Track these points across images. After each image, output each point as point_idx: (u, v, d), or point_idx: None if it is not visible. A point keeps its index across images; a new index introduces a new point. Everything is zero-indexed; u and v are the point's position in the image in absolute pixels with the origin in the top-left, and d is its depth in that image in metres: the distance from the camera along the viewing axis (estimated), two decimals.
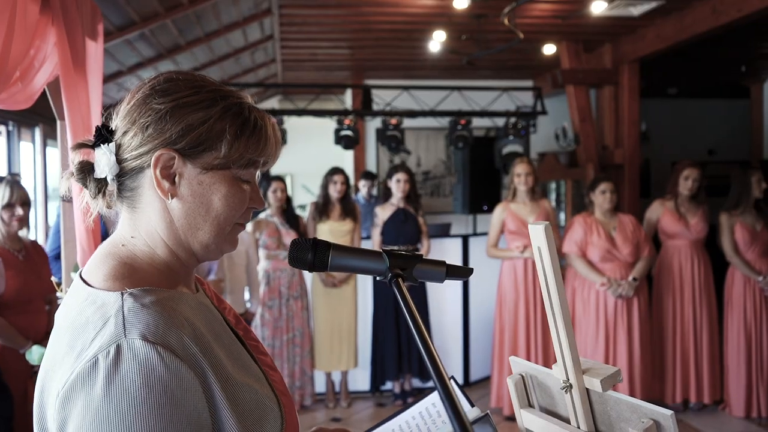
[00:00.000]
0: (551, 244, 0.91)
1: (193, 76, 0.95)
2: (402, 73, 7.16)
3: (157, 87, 0.90)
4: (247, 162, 0.92)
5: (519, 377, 1.08)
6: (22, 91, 1.45)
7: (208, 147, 0.89)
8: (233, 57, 5.80)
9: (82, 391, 0.75)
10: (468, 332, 5.29)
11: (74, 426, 0.75)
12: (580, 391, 0.95)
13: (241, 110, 0.92)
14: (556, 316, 0.94)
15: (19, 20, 1.27)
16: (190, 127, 0.88)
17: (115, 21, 3.79)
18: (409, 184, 4.80)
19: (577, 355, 0.94)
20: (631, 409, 0.89)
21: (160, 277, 0.90)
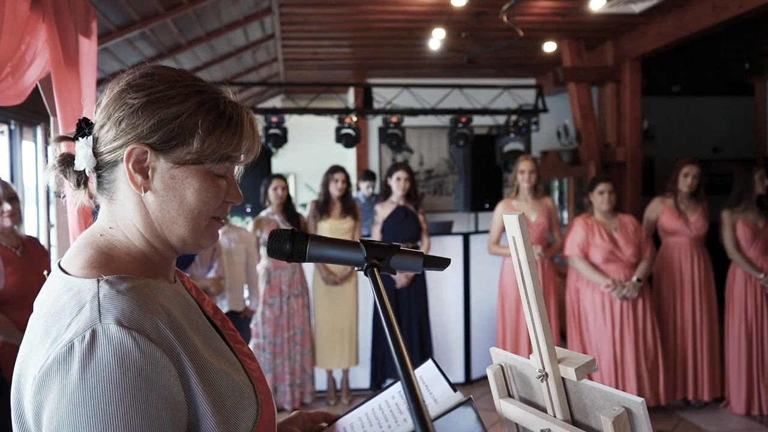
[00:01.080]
0: (525, 234, 0.92)
1: (170, 71, 0.95)
2: (403, 71, 7.17)
3: (132, 82, 0.91)
4: (220, 157, 0.92)
5: (498, 367, 1.09)
6: (13, 87, 1.47)
7: (180, 142, 0.89)
8: (235, 56, 5.82)
9: (57, 376, 0.76)
10: (469, 330, 5.29)
11: (50, 410, 0.76)
12: (555, 380, 0.95)
13: (215, 105, 0.92)
14: (531, 306, 0.95)
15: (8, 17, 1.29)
16: (162, 122, 0.89)
17: (116, 20, 3.81)
18: (409, 182, 4.80)
19: (553, 345, 0.95)
20: (605, 397, 0.90)
21: (137, 266, 0.91)
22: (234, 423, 0.88)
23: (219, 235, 1.01)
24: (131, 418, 0.75)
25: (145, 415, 0.76)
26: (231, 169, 0.98)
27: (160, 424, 0.77)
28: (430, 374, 1.19)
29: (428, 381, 1.18)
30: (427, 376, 1.19)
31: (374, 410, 1.16)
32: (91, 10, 1.95)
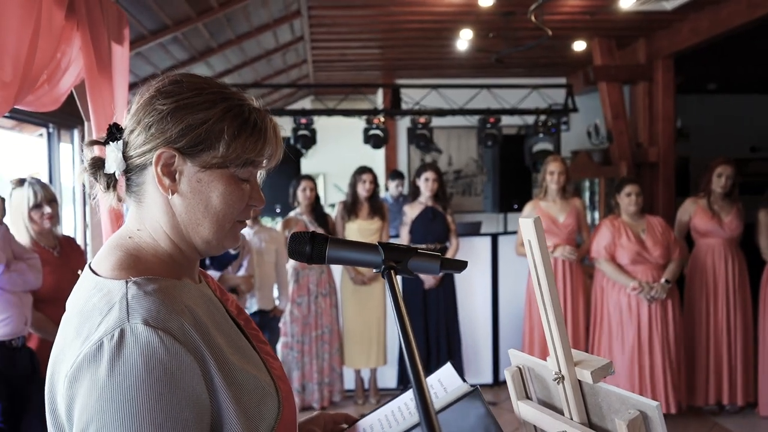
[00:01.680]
0: (541, 237, 0.92)
1: (198, 78, 0.99)
2: (432, 72, 7.17)
3: (162, 89, 0.95)
4: (244, 161, 0.95)
5: (516, 369, 1.09)
6: (49, 94, 1.53)
7: (206, 146, 0.93)
8: (265, 58, 5.90)
9: (87, 372, 0.80)
10: (497, 331, 5.27)
11: (80, 405, 0.80)
12: (572, 383, 0.96)
13: (241, 112, 0.95)
14: (547, 308, 0.95)
15: (44, 26, 1.35)
16: (190, 127, 0.92)
17: (149, 26, 3.91)
18: (438, 183, 4.80)
19: (569, 347, 0.95)
20: (621, 400, 0.90)
21: (163, 267, 0.95)
22: (256, 420, 0.90)
23: (240, 237, 1.05)
24: (156, 414, 0.79)
25: (168, 412, 0.79)
26: (254, 174, 1.01)
27: (184, 421, 0.80)
28: (448, 377, 1.20)
29: (447, 383, 1.20)
30: (445, 379, 1.21)
31: (394, 412, 1.18)
32: (123, 18, 2.01)
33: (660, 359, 4.01)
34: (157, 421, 0.79)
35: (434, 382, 1.23)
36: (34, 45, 1.27)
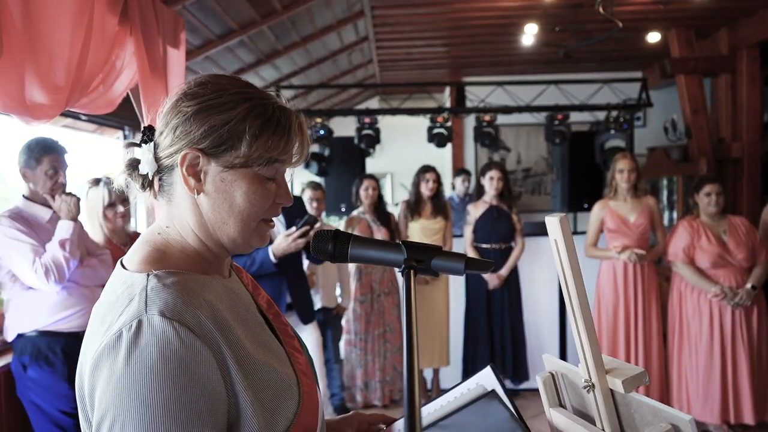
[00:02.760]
0: (568, 237, 0.88)
1: (223, 79, 1.00)
2: (499, 69, 7.04)
3: (187, 91, 0.97)
4: (267, 160, 0.95)
5: (548, 375, 1.05)
6: (103, 96, 1.61)
7: (229, 146, 0.94)
8: (330, 59, 5.97)
9: (107, 361, 0.83)
10: (565, 334, 5.11)
11: (100, 392, 0.83)
12: (602, 392, 0.90)
13: (263, 111, 0.95)
14: (575, 313, 0.90)
15: (96, 32, 1.41)
16: (213, 128, 0.93)
17: (216, 30, 4.04)
18: (503, 182, 4.71)
19: (599, 354, 0.90)
20: (653, 412, 0.84)
21: (189, 263, 0.97)
22: (274, 412, 0.91)
23: (269, 236, 1.05)
24: (170, 402, 0.80)
25: (182, 401, 0.81)
26: (281, 172, 1.01)
27: (197, 409, 0.82)
28: (487, 380, 1.17)
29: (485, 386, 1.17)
30: (484, 382, 1.17)
31: (430, 414, 1.16)
32: (180, 22, 2.08)
33: (745, 370, 3.76)
34: (171, 410, 0.80)
35: (472, 385, 1.20)
36: (86, 50, 1.34)
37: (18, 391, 2.70)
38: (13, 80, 1.34)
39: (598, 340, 4.28)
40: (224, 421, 0.86)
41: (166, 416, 0.80)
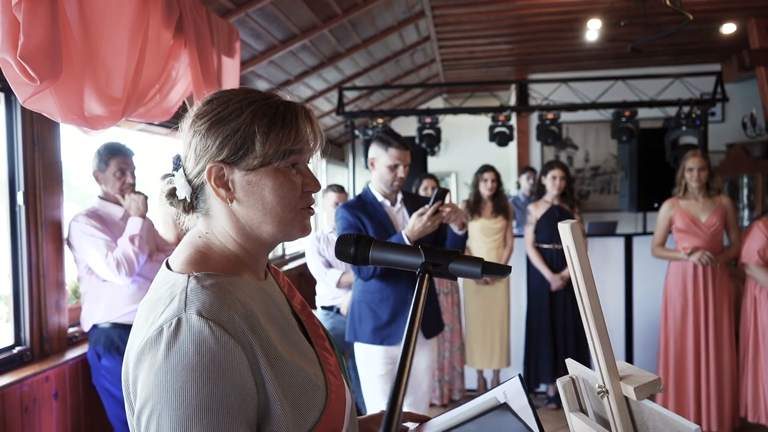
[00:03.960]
0: (579, 243, 0.88)
1: (227, 92, 1.06)
2: (565, 65, 6.88)
3: (197, 112, 1.04)
4: (284, 153, 1.00)
5: (568, 380, 1.05)
6: (159, 106, 1.71)
7: (246, 151, 0.99)
8: (393, 60, 6.02)
9: (148, 355, 0.90)
10: (631, 339, 4.95)
11: (141, 383, 0.91)
12: (616, 398, 0.90)
13: (268, 110, 1.00)
14: (588, 319, 0.91)
15: (152, 46, 1.51)
16: (226, 138, 0.99)
17: (278, 35, 4.16)
18: (565, 181, 4.62)
19: (613, 360, 0.90)
20: (664, 421, 0.83)
21: (227, 265, 1.03)
22: (301, 409, 0.96)
23: (310, 226, 1.10)
24: (203, 395, 0.86)
25: (214, 394, 0.87)
26: (302, 161, 1.06)
27: (228, 403, 0.88)
28: (513, 389, 1.18)
29: (510, 396, 1.17)
30: (510, 391, 1.18)
31: (439, 425, 1.17)
32: (234, 33, 2.17)
33: None
34: (204, 403, 0.86)
35: (498, 394, 1.20)
36: (141, 64, 1.44)
37: (93, 379, 2.90)
38: (73, 93, 1.46)
39: (666, 344, 4.15)
40: (254, 417, 0.92)
41: (198, 407, 0.86)
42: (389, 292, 2.83)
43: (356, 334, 2.91)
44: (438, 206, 2.63)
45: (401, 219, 2.94)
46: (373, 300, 2.86)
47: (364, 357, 2.90)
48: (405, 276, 2.80)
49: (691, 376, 4.02)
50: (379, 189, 2.92)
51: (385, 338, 2.82)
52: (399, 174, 2.83)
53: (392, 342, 2.81)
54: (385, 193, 2.92)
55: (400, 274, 2.79)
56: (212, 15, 2.02)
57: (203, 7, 1.97)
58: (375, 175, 2.91)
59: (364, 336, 2.86)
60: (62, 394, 2.81)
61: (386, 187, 2.89)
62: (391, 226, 2.87)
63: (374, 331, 2.83)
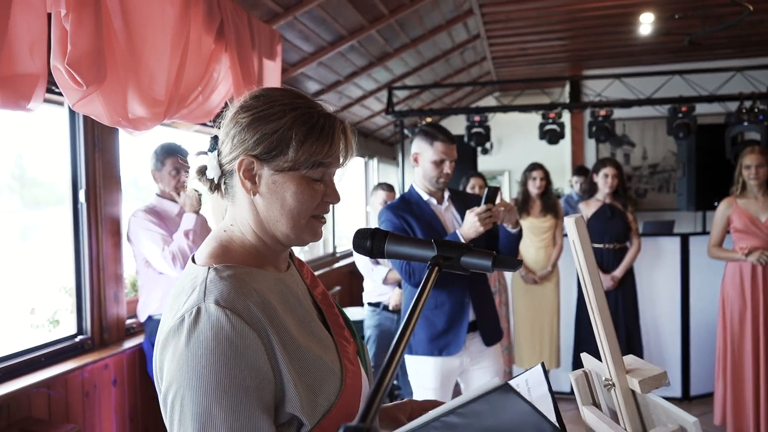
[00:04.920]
0: (584, 238, 0.89)
1: (275, 91, 1.12)
2: (621, 60, 6.71)
3: (243, 104, 1.10)
4: (313, 163, 1.06)
5: (581, 374, 1.06)
6: (201, 107, 1.80)
7: (279, 152, 1.05)
8: (443, 58, 6.02)
9: (172, 341, 0.97)
10: (688, 341, 4.79)
11: (167, 367, 0.98)
12: (622, 391, 0.91)
13: (308, 119, 1.06)
14: (594, 312, 0.92)
15: (193, 51, 1.60)
16: (264, 136, 1.05)
17: (327, 37, 4.25)
18: (618, 179, 4.53)
19: (619, 353, 0.91)
20: (666, 413, 0.84)
21: (247, 257, 1.10)
22: (316, 393, 1.01)
23: (321, 232, 1.15)
24: (221, 378, 0.93)
25: (231, 377, 0.93)
26: (328, 174, 1.11)
27: (245, 385, 0.94)
28: (535, 378, 1.20)
29: (532, 384, 1.19)
30: (532, 380, 1.20)
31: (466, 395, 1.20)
32: (276, 36, 2.25)
33: None
34: (222, 385, 0.93)
35: (521, 382, 1.23)
36: (183, 68, 1.52)
37: (148, 368, 3.05)
38: (118, 96, 1.57)
39: (723, 349, 4.01)
40: (270, 399, 0.97)
41: (217, 389, 0.93)
42: (444, 298, 2.64)
43: (410, 347, 2.69)
44: (489, 207, 2.47)
45: (450, 218, 2.75)
46: (427, 307, 2.65)
47: (417, 370, 2.71)
48: (459, 280, 2.63)
49: (750, 382, 3.87)
50: (424, 187, 2.74)
51: (443, 348, 2.63)
52: (445, 170, 2.65)
53: (450, 352, 2.62)
54: (431, 191, 2.74)
55: (454, 278, 2.60)
56: (253, 20, 2.11)
57: (244, 13, 2.06)
58: (419, 171, 2.73)
59: (420, 347, 2.66)
60: (120, 381, 2.97)
61: (431, 185, 2.71)
62: (440, 226, 2.69)
63: (430, 340, 2.64)
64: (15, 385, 2.34)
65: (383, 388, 0.63)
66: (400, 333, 0.79)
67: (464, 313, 2.65)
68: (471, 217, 2.46)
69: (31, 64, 1.37)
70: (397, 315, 4.35)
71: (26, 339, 2.95)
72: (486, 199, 2.50)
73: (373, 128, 7.37)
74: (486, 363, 2.70)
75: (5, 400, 2.32)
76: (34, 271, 4.58)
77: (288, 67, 4.32)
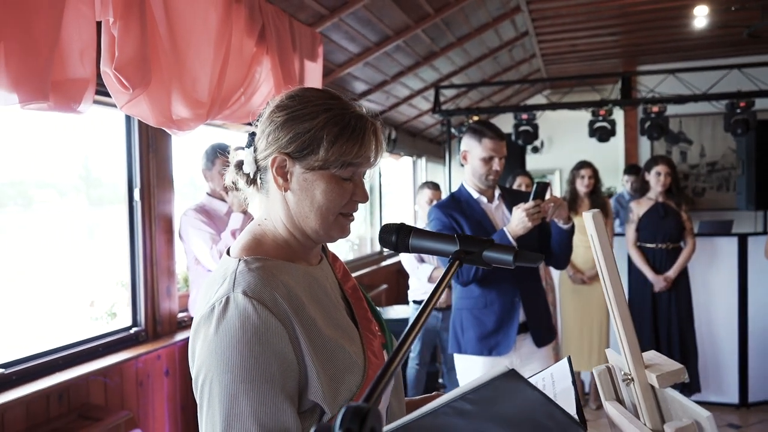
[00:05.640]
0: (601, 231, 0.90)
1: (310, 92, 1.16)
2: (677, 55, 6.50)
3: (279, 103, 1.15)
4: (343, 163, 1.10)
5: (604, 369, 1.07)
6: (243, 108, 1.87)
7: (310, 151, 1.10)
8: (490, 57, 5.98)
9: (203, 329, 1.03)
10: (746, 346, 4.62)
11: (198, 353, 1.04)
12: (641, 385, 0.91)
13: (340, 120, 1.10)
14: (613, 306, 0.93)
15: (234, 54, 1.67)
16: (296, 135, 1.10)
17: (372, 38, 4.30)
18: (671, 177, 4.41)
19: (637, 347, 0.91)
20: (682, 408, 0.84)
21: (278, 250, 1.15)
22: (337, 382, 1.05)
23: (349, 229, 1.19)
24: (247, 364, 0.98)
25: (257, 363, 0.98)
26: (358, 173, 1.15)
27: (269, 372, 0.99)
28: (560, 372, 1.20)
29: (557, 377, 1.20)
30: (557, 373, 1.21)
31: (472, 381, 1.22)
32: (317, 38, 2.31)
33: None
34: (248, 371, 0.98)
35: (546, 375, 1.24)
36: (225, 70, 1.59)
37: None
38: (162, 98, 1.65)
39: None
40: (294, 386, 1.02)
41: (242, 374, 0.98)
42: (493, 297, 2.63)
43: (460, 345, 2.70)
44: (538, 203, 2.43)
45: (501, 216, 2.72)
46: (476, 306, 2.66)
47: (466, 369, 2.70)
48: (509, 278, 2.62)
49: None
50: (474, 185, 2.71)
51: (493, 347, 2.61)
52: (494, 167, 2.62)
53: (501, 351, 2.60)
54: (481, 189, 2.71)
55: (502, 276, 2.60)
56: (295, 22, 2.17)
57: (285, 16, 2.13)
58: (468, 169, 2.70)
59: (469, 346, 2.65)
60: (172, 371, 3.10)
61: (481, 182, 2.68)
62: (490, 224, 2.66)
63: (480, 340, 2.62)
64: (75, 373, 2.48)
65: (389, 372, 0.67)
66: (413, 321, 0.82)
67: (514, 313, 2.63)
68: (519, 213, 2.43)
69: (81, 70, 1.47)
70: (441, 313, 4.36)
71: (86, 330, 3.11)
72: (534, 195, 2.46)
73: (421, 127, 7.39)
74: (536, 365, 2.66)
75: (66, 387, 2.47)
76: (96, 266, 4.82)
77: (334, 68, 4.39)
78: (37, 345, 2.55)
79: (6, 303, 4.05)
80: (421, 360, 4.46)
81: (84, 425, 2.39)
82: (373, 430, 0.56)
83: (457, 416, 0.86)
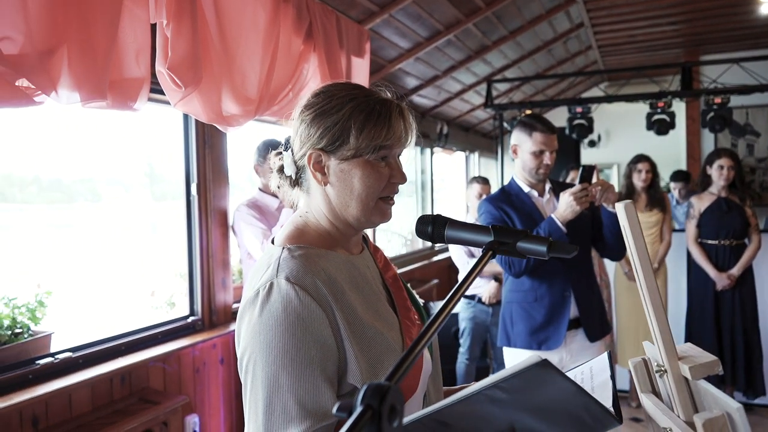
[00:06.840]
0: (634, 224, 0.90)
1: (334, 87, 1.20)
2: (742, 44, 6.22)
3: (306, 103, 1.20)
4: (374, 148, 1.13)
5: (640, 361, 1.06)
6: (291, 104, 1.93)
7: (341, 142, 1.14)
8: (545, 49, 5.89)
9: (248, 312, 1.09)
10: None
11: (243, 335, 1.10)
12: (674, 377, 0.91)
13: (365, 107, 1.14)
14: (646, 299, 0.92)
15: (282, 51, 1.72)
16: (326, 129, 1.14)
17: (423, 33, 4.31)
18: (734, 171, 4.25)
19: (671, 339, 0.91)
20: (714, 399, 0.84)
21: (319, 240, 1.19)
22: (376, 367, 1.09)
23: (390, 214, 1.23)
24: (288, 346, 1.03)
25: (298, 347, 1.03)
26: (392, 155, 1.19)
27: (309, 355, 1.03)
28: (599, 365, 1.20)
29: (596, 371, 1.20)
30: (597, 367, 1.21)
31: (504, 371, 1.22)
32: (365, 35, 2.34)
33: None
34: (289, 353, 1.03)
35: (585, 369, 1.24)
36: (273, 68, 1.64)
37: None
38: (213, 96, 1.73)
39: None
40: (334, 370, 1.06)
41: (284, 356, 1.03)
42: (544, 291, 2.62)
43: (509, 338, 2.71)
44: (585, 186, 2.41)
45: (551, 210, 2.69)
46: (526, 299, 2.66)
47: (515, 362, 2.66)
48: (560, 271, 2.60)
49: None
50: (524, 179, 2.71)
51: (542, 342, 2.60)
52: (545, 161, 2.61)
53: (550, 346, 2.59)
54: (531, 183, 2.71)
55: (554, 269, 2.60)
56: (342, 19, 2.21)
57: (332, 13, 2.17)
58: (518, 163, 2.70)
59: (519, 340, 2.65)
60: (227, 360, 3.22)
61: (531, 176, 2.68)
62: (540, 218, 2.64)
63: (530, 333, 2.62)
64: (136, 358, 2.62)
65: (414, 354, 0.69)
66: (442, 307, 0.84)
67: (565, 307, 2.60)
68: (566, 197, 2.42)
69: (137, 70, 1.56)
70: (491, 308, 4.34)
71: (147, 318, 3.26)
72: (581, 179, 2.45)
73: (473, 122, 7.34)
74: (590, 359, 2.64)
75: (128, 371, 2.61)
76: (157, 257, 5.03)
77: (385, 64, 4.42)
78: (102, 331, 2.70)
79: (74, 292, 4.29)
80: (471, 355, 4.45)
81: (144, 408, 2.52)
82: (393, 407, 0.58)
83: (489, 403, 0.87)
